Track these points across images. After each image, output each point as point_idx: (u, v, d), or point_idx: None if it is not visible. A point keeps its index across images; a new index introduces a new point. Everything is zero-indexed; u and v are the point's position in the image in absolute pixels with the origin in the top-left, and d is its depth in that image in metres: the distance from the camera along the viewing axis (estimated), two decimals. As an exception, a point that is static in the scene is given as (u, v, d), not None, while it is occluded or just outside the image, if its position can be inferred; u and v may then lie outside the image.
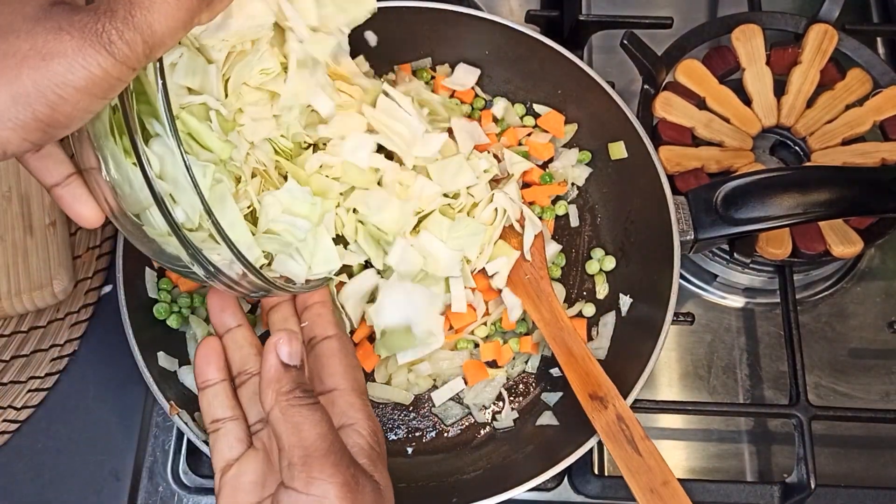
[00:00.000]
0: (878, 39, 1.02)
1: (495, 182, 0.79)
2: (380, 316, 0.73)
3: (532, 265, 0.77)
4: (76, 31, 0.39)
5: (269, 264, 0.63)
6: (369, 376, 0.79)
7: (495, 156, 0.82)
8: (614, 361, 0.75)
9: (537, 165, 0.83)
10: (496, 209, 0.76)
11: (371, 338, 0.77)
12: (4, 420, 0.78)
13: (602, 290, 0.81)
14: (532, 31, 0.81)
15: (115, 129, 0.49)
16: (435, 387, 0.79)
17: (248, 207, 0.61)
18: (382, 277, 0.74)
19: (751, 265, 0.86)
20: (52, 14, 0.40)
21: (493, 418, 0.78)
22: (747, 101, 0.90)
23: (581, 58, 0.82)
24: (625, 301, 0.79)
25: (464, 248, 0.73)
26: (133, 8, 0.40)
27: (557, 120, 0.84)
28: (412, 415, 0.78)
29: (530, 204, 0.82)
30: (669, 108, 0.88)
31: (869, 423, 0.81)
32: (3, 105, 0.39)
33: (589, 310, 0.80)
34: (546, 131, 0.85)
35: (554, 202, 0.84)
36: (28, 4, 0.40)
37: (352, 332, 0.76)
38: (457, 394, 0.78)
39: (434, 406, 0.78)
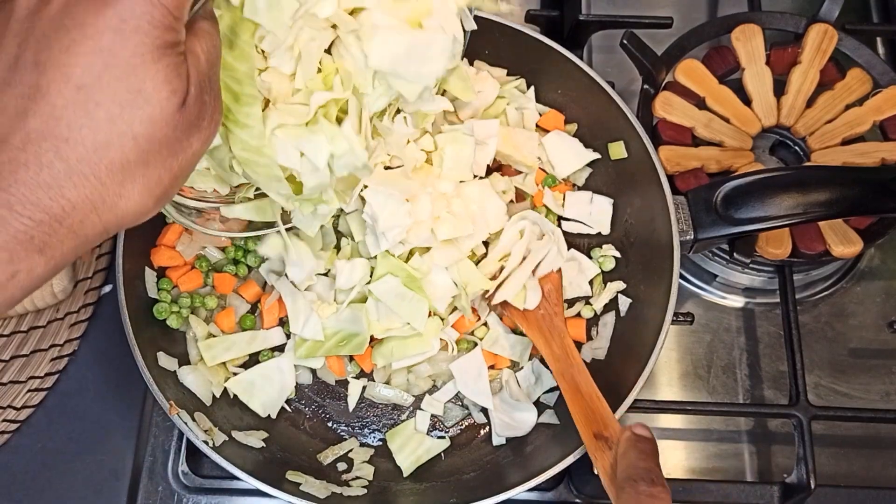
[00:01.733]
0: (878, 39, 1.02)
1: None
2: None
3: (547, 300, 0.75)
4: (206, 121, 0.41)
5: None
6: (369, 377, 0.79)
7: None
8: (614, 361, 0.75)
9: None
10: (520, 231, 0.76)
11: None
12: (4, 420, 0.78)
13: (602, 290, 0.81)
14: (532, 31, 0.80)
15: None
16: (435, 387, 0.79)
17: None
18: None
19: (751, 265, 0.86)
20: (177, 90, 0.39)
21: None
22: (747, 101, 0.90)
23: (581, 58, 0.82)
24: (624, 301, 0.79)
25: (462, 287, 0.74)
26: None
27: (557, 119, 0.84)
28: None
29: (533, 208, 0.82)
30: (669, 107, 0.88)
31: (869, 423, 0.81)
32: (150, 201, 0.40)
33: (588, 311, 0.80)
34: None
35: (554, 202, 0.84)
36: (142, 65, 0.37)
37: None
38: (456, 394, 0.78)
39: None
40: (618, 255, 0.81)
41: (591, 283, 0.81)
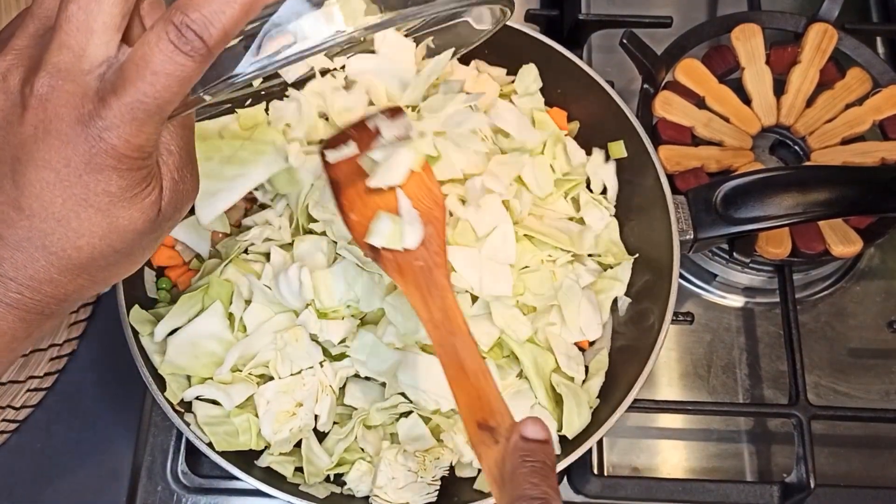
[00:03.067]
0: (878, 39, 1.02)
1: None
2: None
3: (426, 248, 0.60)
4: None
5: None
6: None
7: None
8: (614, 361, 0.75)
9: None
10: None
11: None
12: (3, 420, 0.78)
13: (602, 290, 0.80)
14: (532, 31, 0.80)
15: None
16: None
17: None
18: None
19: (750, 265, 0.86)
20: (150, 216, 0.41)
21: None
22: (747, 101, 0.90)
23: (581, 57, 0.82)
24: (624, 301, 0.78)
25: None
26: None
27: (561, 117, 0.83)
28: (412, 415, 0.78)
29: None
30: (669, 107, 0.88)
31: (869, 422, 0.81)
32: (136, 267, 0.44)
33: (588, 309, 0.79)
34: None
35: (553, 202, 0.83)
36: (115, 206, 0.39)
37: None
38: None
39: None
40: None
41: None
